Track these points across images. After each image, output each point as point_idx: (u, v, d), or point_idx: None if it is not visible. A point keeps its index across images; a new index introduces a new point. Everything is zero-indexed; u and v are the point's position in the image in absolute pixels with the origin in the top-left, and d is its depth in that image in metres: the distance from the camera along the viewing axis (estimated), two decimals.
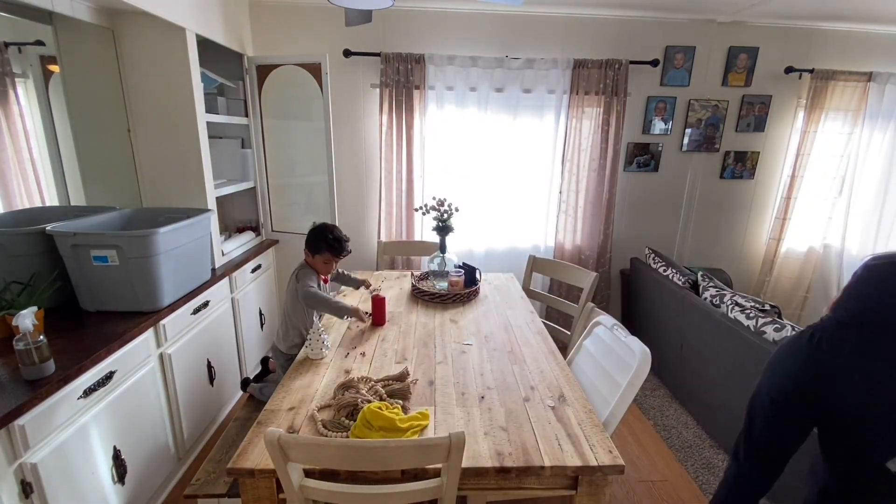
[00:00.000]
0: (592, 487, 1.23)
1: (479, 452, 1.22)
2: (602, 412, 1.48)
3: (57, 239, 1.72)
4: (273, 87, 2.84)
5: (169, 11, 2.04)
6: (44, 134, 2.08)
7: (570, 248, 3.33)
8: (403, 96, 2.96)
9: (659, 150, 3.31)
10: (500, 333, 1.95)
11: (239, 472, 1.16)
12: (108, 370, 1.58)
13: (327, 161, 2.81)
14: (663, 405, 2.76)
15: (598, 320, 1.79)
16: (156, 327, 1.85)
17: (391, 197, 3.15)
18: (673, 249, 3.57)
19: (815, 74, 3.11)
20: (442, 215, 2.39)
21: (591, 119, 3.12)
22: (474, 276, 2.39)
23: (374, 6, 1.73)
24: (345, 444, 1.04)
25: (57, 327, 1.67)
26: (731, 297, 2.32)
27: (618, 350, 1.60)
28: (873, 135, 3.25)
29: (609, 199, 3.23)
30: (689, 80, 3.18)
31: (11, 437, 1.23)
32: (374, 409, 1.26)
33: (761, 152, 3.37)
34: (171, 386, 1.95)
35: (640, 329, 3.13)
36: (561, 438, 1.28)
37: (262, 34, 2.96)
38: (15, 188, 1.98)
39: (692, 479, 2.16)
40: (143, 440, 1.78)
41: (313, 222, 2.00)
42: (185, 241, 2.01)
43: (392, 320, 2.06)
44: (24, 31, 1.94)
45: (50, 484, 1.32)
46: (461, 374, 1.61)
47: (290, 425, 1.31)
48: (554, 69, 2.99)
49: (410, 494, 1.09)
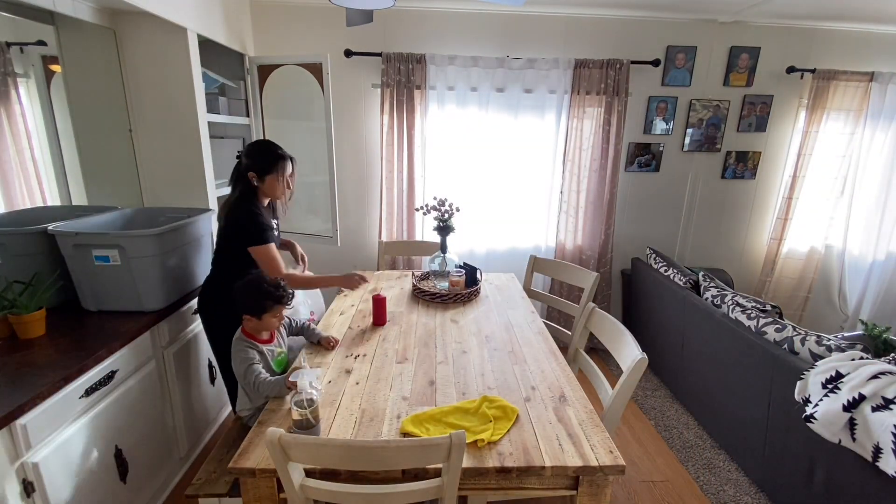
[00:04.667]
0: (593, 487, 1.23)
1: (479, 452, 1.22)
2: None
3: (59, 238, 1.73)
4: (274, 87, 2.84)
5: (170, 11, 2.04)
6: (45, 134, 2.08)
7: (571, 248, 3.33)
8: (404, 96, 2.96)
9: (660, 150, 3.31)
10: (500, 333, 1.95)
11: (240, 471, 1.16)
12: (110, 369, 1.58)
13: (328, 161, 2.81)
14: (664, 405, 2.76)
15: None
16: (157, 326, 1.85)
17: (392, 197, 3.15)
18: (674, 249, 3.56)
19: (817, 74, 3.11)
20: (443, 215, 2.39)
21: (593, 119, 3.12)
22: (475, 276, 2.39)
23: (374, 6, 1.73)
24: (345, 444, 1.04)
25: (58, 326, 1.67)
26: (732, 298, 2.32)
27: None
28: (875, 135, 3.24)
29: (610, 200, 3.23)
30: (690, 80, 3.18)
31: (13, 437, 1.23)
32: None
33: (763, 152, 3.37)
34: (172, 385, 1.95)
35: (640, 329, 3.13)
36: (562, 438, 1.28)
37: (264, 34, 2.96)
38: (17, 188, 1.99)
39: (693, 479, 2.16)
40: (145, 439, 1.78)
41: (237, 285, 1.59)
42: (187, 240, 2.01)
43: (392, 320, 2.06)
44: (25, 31, 1.95)
45: (51, 483, 1.32)
46: (462, 374, 1.61)
47: (290, 425, 1.31)
48: (555, 69, 2.99)
49: (411, 494, 1.09)
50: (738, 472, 2.19)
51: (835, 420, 1.56)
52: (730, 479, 2.15)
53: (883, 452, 1.42)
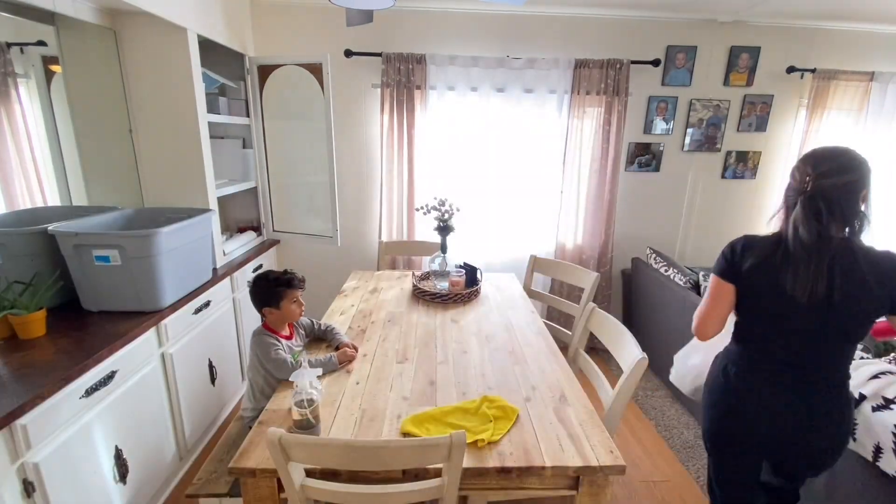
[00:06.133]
0: (594, 487, 1.23)
1: (479, 452, 1.22)
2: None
3: (59, 239, 1.73)
4: (274, 87, 2.84)
5: (170, 12, 2.04)
6: (46, 134, 2.08)
7: (572, 248, 3.33)
8: (405, 96, 2.96)
9: (660, 150, 3.31)
10: (501, 333, 1.95)
11: (240, 471, 1.16)
12: (110, 370, 1.58)
13: (328, 161, 2.81)
14: (664, 405, 2.76)
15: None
16: (157, 327, 1.85)
17: (392, 197, 3.15)
18: (674, 249, 3.56)
19: (817, 74, 3.11)
20: (443, 215, 2.39)
21: (593, 119, 3.12)
22: (475, 276, 2.39)
23: (375, 6, 1.73)
24: (346, 444, 1.04)
25: (59, 327, 1.67)
26: None
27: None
28: (875, 135, 3.24)
29: (610, 199, 3.23)
30: (690, 79, 3.18)
31: (13, 437, 1.23)
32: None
33: (763, 152, 3.37)
34: (172, 386, 1.95)
35: (641, 329, 3.13)
36: (562, 438, 1.28)
37: (264, 34, 2.96)
38: (17, 188, 1.99)
39: (693, 479, 2.15)
40: (145, 440, 1.78)
41: (248, 281, 1.68)
42: (187, 240, 2.01)
43: (393, 320, 2.06)
44: (26, 31, 1.95)
45: (52, 483, 1.32)
46: (462, 375, 1.61)
47: (290, 425, 1.31)
48: (555, 69, 2.99)
49: (411, 494, 1.09)
50: None
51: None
52: None
53: (883, 452, 1.43)
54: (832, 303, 1.17)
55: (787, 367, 1.26)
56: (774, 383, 1.28)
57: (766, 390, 1.28)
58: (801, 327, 1.22)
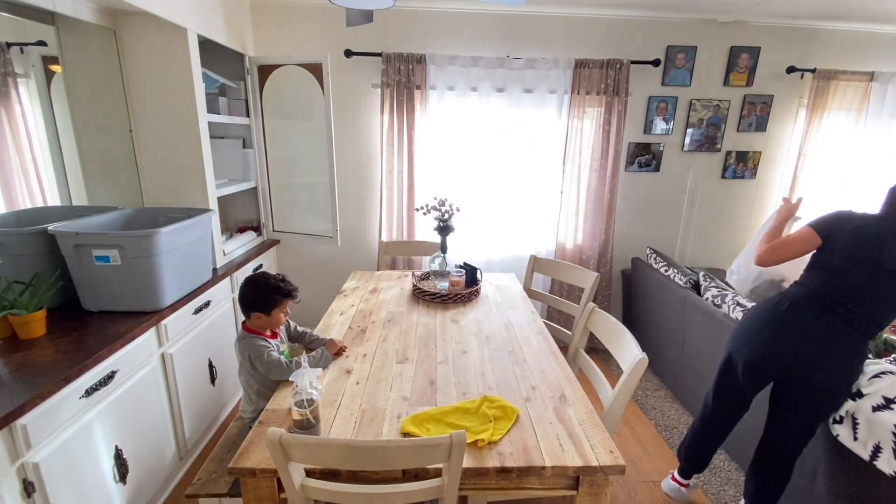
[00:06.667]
0: (593, 487, 1.23)
1: (479, 452, 1.22)
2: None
3: (59, 239, 1.73)
4: (274, 87, 2.84)
5: (170, 12, 2.04)
6: (45, 134, 2.08)
7: (572, 248, 3.33)
8: (405, 96, 2.96)
9: (660, 150, 3.31)
10: (501, 333, 1.95)
11: (240, 471, 1.16)
12: (110, 370, 1.58)
13: (328, 161, 2.81)
14: (664, 405, 2.76)
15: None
16: (157, 327, 1.85)
17: (392, 197, 3.15)
18: (674, 249, 3.56)
19: (817, 74, 3.11)
20: (443, 215, 2.39)
21: (593, 119, 3.12)
22: (475, 276, 2.39)
23: (375, 6, 1.73)
24: (346, 444, 1.04)
25: (59, 327, 1.67)
26: (732, 298, 2.31)
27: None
28: (876, 135, 3.24)
29: (610, 199, 3.23)
30: (690, 79, 3.18)
31: (13, 437, 1.23)
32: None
33: (763, 152, 3.37)
34: (172, 386, 1.96)
35: (641, 329, 3.13)
36: (562, 438, 1.28)
37: (264, 34, 2.96)
38: (17, 188, 1.99)
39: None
40: (145, 440, 1.78)
41: (241, 285, 1.67)
42: (187, 240, 2.01)
43: (393, 320, 2.06)
44: (26, 31, 1.95)
45: (52, 483, 1.32)
46: (462, 374, 1.61)
47: (290, 425, 1.31)
48: (555, 69, 2.99)
49: (411, 494, 1.09)
50: (738, 473, 2.19)
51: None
52: (730, 479, 2.15)
53: (882, 451, 1.43)
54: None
55: (837, 316, 1.52)
56: (817, 325, 1.54)
57: (810, 326, 1.54)
58: (871, 292, 1.49)
